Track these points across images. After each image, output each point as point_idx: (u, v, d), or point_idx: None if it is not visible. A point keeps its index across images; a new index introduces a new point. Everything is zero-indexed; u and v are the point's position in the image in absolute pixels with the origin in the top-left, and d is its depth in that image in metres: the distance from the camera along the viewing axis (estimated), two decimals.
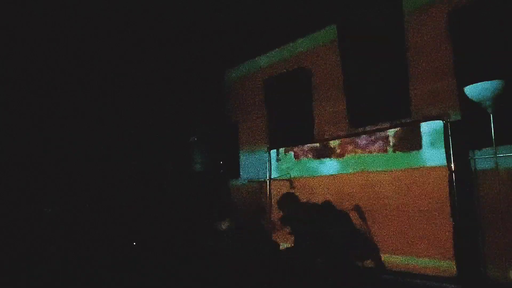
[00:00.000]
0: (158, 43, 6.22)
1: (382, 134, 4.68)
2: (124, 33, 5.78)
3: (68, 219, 5.74)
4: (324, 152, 5.37)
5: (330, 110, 5.69)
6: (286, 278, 4.13)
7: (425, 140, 4.32)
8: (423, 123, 4.39)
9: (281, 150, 6.09)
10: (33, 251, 5.13)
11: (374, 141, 4.78)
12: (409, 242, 4.28)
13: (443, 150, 4.13)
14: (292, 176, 5.79)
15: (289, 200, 5.11)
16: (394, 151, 4.58)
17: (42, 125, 5.84)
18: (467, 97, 3.75)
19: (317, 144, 5.53)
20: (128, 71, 6.60)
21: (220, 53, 6.79)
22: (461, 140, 4.13)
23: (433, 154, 4.23)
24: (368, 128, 5.07)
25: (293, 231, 4.36)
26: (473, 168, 4.12)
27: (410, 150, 4.42)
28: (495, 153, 3.67)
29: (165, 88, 7.07)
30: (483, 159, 4.02)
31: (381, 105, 4.98)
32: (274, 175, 6.16)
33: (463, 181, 4.09)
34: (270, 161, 6.24)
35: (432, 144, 4.25)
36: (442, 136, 4.16)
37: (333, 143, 5.28)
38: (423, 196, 4.23)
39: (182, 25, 5.71)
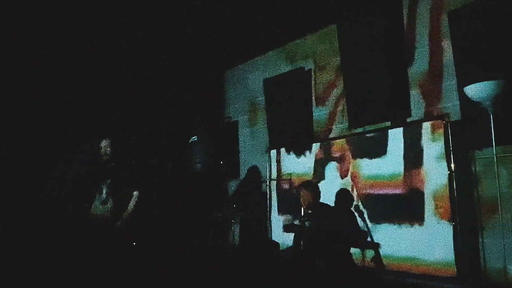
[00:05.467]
0: (158, 43, 6.21)
1: None
2: (124, 33, 5.77)
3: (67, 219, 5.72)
4: None
5: (330, 110, 5.69)
6: (286, 278, 4.13)
7: None
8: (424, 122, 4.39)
9: None
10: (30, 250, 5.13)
11: None
12: None
13: None
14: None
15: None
16: None
17: (42, 124, 5.83)
18: (467, 97, 3.75)
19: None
20: (128, 71, 6.59)
21: (220, 53, 6.78)
22: (461, 140, 4.13)
23: None
24: (368, 128, 5.07)
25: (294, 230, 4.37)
26: (473, 168, 4.12)
27: None
28: (495, 153, 3.67)
29: (165, 88, 7.06)
30: (483, 159, 4.02)
31: (381, 105, 4.97)
32: (274, 175, 6.16)
33: (463, 181, 4.09)
34: (270, 161, 6.24)
35: None
36: None
37: None
38: None
39: (182, 25, 5.71)
